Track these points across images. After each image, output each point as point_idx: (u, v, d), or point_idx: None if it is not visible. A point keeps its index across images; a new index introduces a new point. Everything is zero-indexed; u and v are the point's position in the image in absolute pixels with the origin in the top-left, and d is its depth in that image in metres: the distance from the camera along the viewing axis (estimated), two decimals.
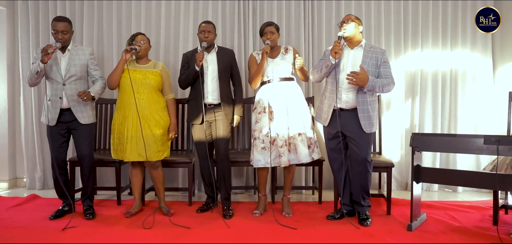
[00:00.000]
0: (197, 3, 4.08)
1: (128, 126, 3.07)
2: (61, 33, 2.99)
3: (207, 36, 3.19)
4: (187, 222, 3.00)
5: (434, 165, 4.08)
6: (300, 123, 3.13)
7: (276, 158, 3.11)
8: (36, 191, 3.99)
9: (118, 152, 3.16)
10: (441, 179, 3.15)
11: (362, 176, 3.01)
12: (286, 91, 3.15)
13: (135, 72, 3.12)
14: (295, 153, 3.09)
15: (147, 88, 3.11)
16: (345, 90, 2.94)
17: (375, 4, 4.11)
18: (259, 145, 3.12)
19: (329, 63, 2.94)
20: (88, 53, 3.15)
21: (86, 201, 3.18)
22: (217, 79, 3.24)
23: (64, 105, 3.02)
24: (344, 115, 2.97)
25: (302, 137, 3.11)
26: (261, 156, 3.12)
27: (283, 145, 3.07)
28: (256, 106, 3.23)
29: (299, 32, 4.07)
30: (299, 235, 2.77)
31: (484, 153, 2.59)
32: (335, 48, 2.88)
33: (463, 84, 4.12)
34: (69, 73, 3.02)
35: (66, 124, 3.07)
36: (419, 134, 2.85)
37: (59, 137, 3.08)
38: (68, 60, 3.04)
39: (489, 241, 2.59)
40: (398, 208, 3.35)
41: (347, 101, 2.95)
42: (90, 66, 3.15)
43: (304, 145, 3.10)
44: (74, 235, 2.75)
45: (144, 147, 3.05)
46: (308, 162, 3.16)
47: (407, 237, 2.72)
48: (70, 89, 3.02)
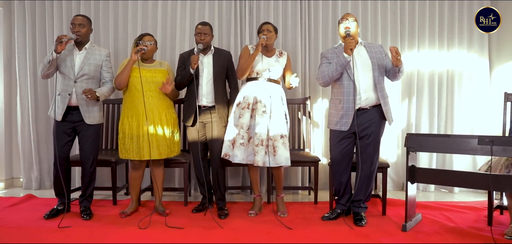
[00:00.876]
0: (193, 3, 4.08)
1: (141, 125, 3.06)
2: (78, 25, 3.00)
3: (203, 38, 3.18)
4: (182, 222, 3.00)
5: (430, 165, 4.08)
6: (283, 125, 3.11)
7: (250, 155, 3.10)
8: (33, 191, 3.99)
9: (132, 152, 3.10)
10: (435, 179, 3.14)
11: (370, 177, 3.02)
12: (272, 93, 3.14)
13: (144, 71, 3.12)
14: (273, 155, 3.05)
15: (156, 87, 3.12)
16: (363, 89, 2.94)
17: (371, 4, 4.11)
18: (238, 140, 3.11)
19: (344, 62, 2.89)
20: (104, 54, 3.16)
21: (84, 202, 3.16)
22: (212, 82, 3.23)
23: (72, 103, 3.02)
24: (361, 114, 2.96)
25: (284, 140, 3.08)
26: (239, 151, 3.10)
27: (259, 144, 3.05)
28: (240, 101, 3.19)
29: (296, 32, 4.07)
30: (294, 235, 2.77)
31: (478, 153, 2.59)
32: (350, 44, 2.86)
33: (460, 85, 4.12)
34: (82, 71, 3.02)
35: (73, 123, 3.07)
36: (414, 134, 2.85)
37: (64, 135, 3.07)
38: (84, 59, 3.04)
39: (483, 241, 2.59)
40: (394, 209, 3.35)
41: (367, 99, 2.95)
42: (103, 68, 3.14)
43: (286, 148, 3.08)
44: (68, 234, 2.75)
45: (163, 145, 3.12)
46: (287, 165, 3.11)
47: (401, 237, 2.72)
48: (80, 87, 3.00)
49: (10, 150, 4.26)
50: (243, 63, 3.19)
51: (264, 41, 3.14)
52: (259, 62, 3.18)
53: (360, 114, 2.97)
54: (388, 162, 3.99)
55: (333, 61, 2.99)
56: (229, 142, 3.15)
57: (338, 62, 2.93)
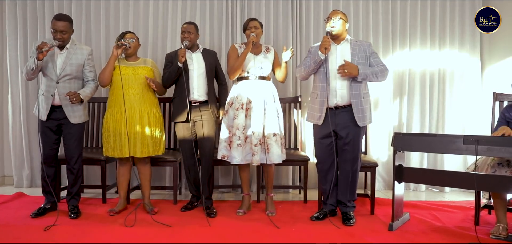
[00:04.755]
0: (185, 3, 4.08)
1: (124, 123, 3.07)
2: (60, 33, 2.96)
3: (187, 36, 3.20)
4: (169, 220, 3.00)
5: (422, 165, 4.08)
6: (276, 123, 3.13)
7: (247, 155, 3.11)
8: (24, 189, 3.99)
9: (115, 150, 3.13)
10: (422, 179, 3.15)
11: (352, 177, 3.02)
12: (264, 90, 3.15)
13: (125, 68, 3.13)
14: (267, 153, 3.09)
15: (139, 84, 3.12)
16: (339, 86, 2.93)
17: (363, 4, 4.10)
18: (235, 141, 3.12)
19: (318, 59, 2.91)
20: (86, 53, 3.13)
21: (72, 201, 3.15)
22: (204, 76, 3.26)
23: (56, 103, 3.02)
24: (338, 113, 2.96)
25: (277, 137, 3.10)
26: (237, 152, 3.11)
27: (258, 144, 3.07)
28: (233, 102, 3.19)
29: (287, 31, 4.07)
30: (280, 234, 2.77)
31: (463, 153, 2.59)
32: (325, 43, 2.86)
33: (451, 84, 4.12)
34: (64, 72, 3.01)
35: (58, 120, 3.06)
36: (400, 134, 2.85)
37: (50, 133, 3.08)
38: (65, 59, 3.02)
39: (468, 241, 2.59)
40: (383, 208, 3.35)
41: (342, 97, 2.94)
42: (86, 67, 3.13)
43: (278, 146, 3.10)
44: (54, 233, 2.75)
45: (147, 143, 3.12)
46: (279, 162, 3.14)
47: (388, 237, 2.72)
48: (63, 88, 3.00)
49: (2, 148, 4.27)
50: (234, 63, 3.19)
51: (255, 38, 3.15)
52: (250, 60, 3.18)
53: (338, 113, 2.97)
54: (378, 161, 4.03)
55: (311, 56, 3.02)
56: (225, 143, 3.16)
57: (313, 58, 2.96)
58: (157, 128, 3.21)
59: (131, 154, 3.11)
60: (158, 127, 3.21)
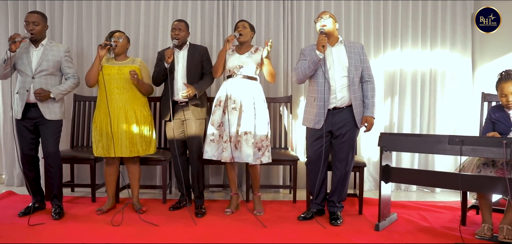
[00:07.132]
0: (176, 2, 4.08)
1: (112, 123, 3.07)
2: (32, 23, 2.99)
3: (177, 33, 3.20)
4: (157, 219, 3.01)
5: (413, 165, 4.08)
6: (251, 122, 3.10)
7: (219, 150, 3.13)
8: (14, 188, 4.00)
9: (104, 149, 3.13)
10: (409, 179, 3.15)
11: (345, 177, 3.02)
12: (246, 89, 3.13)
13: (110, 68, 3.14)
14: (239, 151, 3.08)
15: (125, 84, 3.12)
16: (339, 88, 2.94)
17: (354, 4, 4.10)
18: (209, 136, 3.15)
19: (316, 59, 2.89)
20: (63, 50, 3.14)
21: (54, 201, 3.13)
22: (186, 76, 3.24)
23: (30, 100, 3.01)
24: (336, 113, 2.97)
25: (248, 136, 3.06)
26: (209, 147, 3.14)
27: (227, 140, 3.07)
28: (216, 99, 3.23)
29: (279, 31, 4.07)
30: (266, 233, 2.77)
31: (448, 153, 2.58)
32: (322, 41, 2.85)
33: (442, 84, 4.11)
34: (40, 67, 3.02)
35: (33, 120, 3.06)
36: (387, 134, 2.85)
37: (27, 132, 3.08)
38: (41, 55, 3.04)
39: (453, 241, 2.59)
40: (371, 208, 3.34)
41: (342, 98, 2.94)
42: (64, 64, 3.14)
43: (248, 145, 3.06)
44: (40, 232, 2.75)
45: (135, 142, 3.12)
46: (252, 163, 3.11)
47: (373, 237, 2.72)
48: (39, 83, 3.01)
49: None
50: (215, 62, 3.23)
51: (232, 37, 3.16)
52: (234, 59, 3.19)
53: (336, 114, 2.97)
54: (369, 161, 4.03)
55: (307, 58, 2.99)
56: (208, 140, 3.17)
57: (310, 59, 2.94)
58: (146, 126, 3.21)
59: (117, 154, 3.11)
60: (147, 125, 3.21)
